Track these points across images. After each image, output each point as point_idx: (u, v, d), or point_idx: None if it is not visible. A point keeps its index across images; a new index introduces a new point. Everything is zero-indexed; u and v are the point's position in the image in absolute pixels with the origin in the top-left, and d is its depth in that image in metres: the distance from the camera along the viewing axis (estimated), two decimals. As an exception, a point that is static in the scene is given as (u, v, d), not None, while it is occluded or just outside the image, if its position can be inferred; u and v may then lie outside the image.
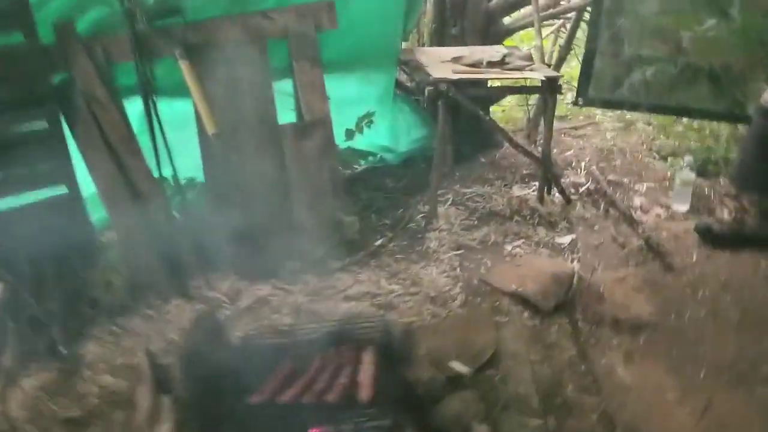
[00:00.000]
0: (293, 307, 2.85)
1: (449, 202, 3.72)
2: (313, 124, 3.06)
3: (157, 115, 2.94)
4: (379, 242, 3.32)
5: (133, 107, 3.04)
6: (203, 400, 1.64)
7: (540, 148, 3.77)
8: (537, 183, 3.77)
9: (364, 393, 1.71)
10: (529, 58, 3.54)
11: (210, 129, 2.87)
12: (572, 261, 3.08)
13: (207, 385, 1.66)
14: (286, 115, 3.22)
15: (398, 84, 3.93)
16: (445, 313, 2.68)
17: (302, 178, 3.10)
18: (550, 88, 3.34)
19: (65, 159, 2.91)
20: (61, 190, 3.03)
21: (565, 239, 3.30)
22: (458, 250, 3.20)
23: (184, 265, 3.17)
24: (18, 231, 2.90)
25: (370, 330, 2.09)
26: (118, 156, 2.95)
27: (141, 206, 3.03)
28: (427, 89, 3.18)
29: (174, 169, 3.10)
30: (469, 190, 3.86)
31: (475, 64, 3.39)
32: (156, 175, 3.06)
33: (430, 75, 3.20)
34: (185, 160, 3.18)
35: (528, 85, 3.70)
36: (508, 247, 3.22)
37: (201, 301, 3.06)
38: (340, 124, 3.61)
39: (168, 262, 3.12)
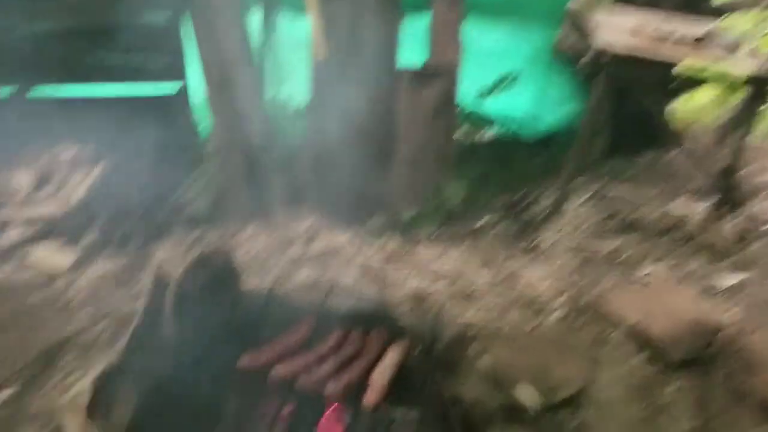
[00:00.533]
0: (363, 266, 2.54)
1: (585, 198, 3.10)
2: (436, 72, 2.65)
3: (275, 30, 2.76)
4: (483, 221, 2.86)
5: (253, 19, 2.88)
6: (186, 349, 1.39)
7: (724, 161, 2.96)
8: (708, 202, 2.99)
9: (370, 396, 1.34)
10: (738, 46, 2.74)
11: (318, 54, 2.62)
12: (728, 311, 2.36)
13: (195, 333, 1.41)
14: (411, 56, 2.82)
15: (560, 45, 3.32)
16: (533, 325, 2.18)
17: (411, 130, 2.73)
18: (760, 88, 2.55)
19: (180, 57, 2.88)
20: (172, 88, 3.04)
21: (728, 280, 2.56)
22: (578, 255, 2.63)
23: (272, 192, 3.03)
24: (125, 118, 2.95)
25: (417, 319, 1.69)
26: (229, 65, 2.82)
27: (243, 122, 2.91)
28: (588, 56, 2.58)
29: (282, 91, 2.93)
30: (616, 191, 3.20)
31: (663, 38, 2.68)
32: (265, 93, 2.92)
33: (598, 39, 2.59)
34: (302, 84, 2.98)
35: (729, 78, 2.88)
36: (645, 270, 2.58)
37: (277, 232, 2.89)
38: (476, 79, 3.14)
39: (257, 184, 2.99)
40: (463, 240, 2.72)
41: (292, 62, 2.86)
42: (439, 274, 2.47)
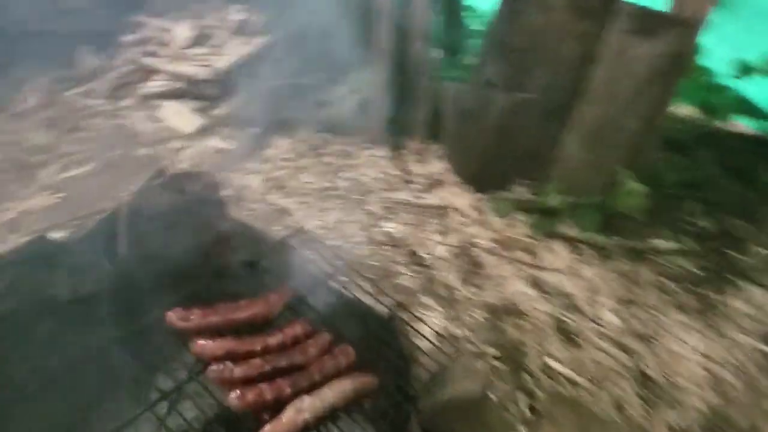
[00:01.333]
0: (463, 245, 2.11)
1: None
2: (671, 22, 1.93)
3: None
4: (660, 243, 2.15)
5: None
6: (119, 278, 1.20)
7: None
8: None
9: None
10: None
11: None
12: None
13: (141, 262, 1.20)
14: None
15: None
16: (640, 413, 1.57)
17: (609, 89, 2.08)
18: None
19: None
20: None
21: None
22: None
23: (411, 120, 2.69)
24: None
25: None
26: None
27: (406, 31, 2.57)
28: None
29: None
30: None
31: None
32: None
33: None
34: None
35: None
36: None
37: (397, 167, 2.58)
38: (741, 46, 2.41)
39: (401, 107, 2.68)
40: (617, 258, 2.08)
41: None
42: (554, 291, 1.92)
